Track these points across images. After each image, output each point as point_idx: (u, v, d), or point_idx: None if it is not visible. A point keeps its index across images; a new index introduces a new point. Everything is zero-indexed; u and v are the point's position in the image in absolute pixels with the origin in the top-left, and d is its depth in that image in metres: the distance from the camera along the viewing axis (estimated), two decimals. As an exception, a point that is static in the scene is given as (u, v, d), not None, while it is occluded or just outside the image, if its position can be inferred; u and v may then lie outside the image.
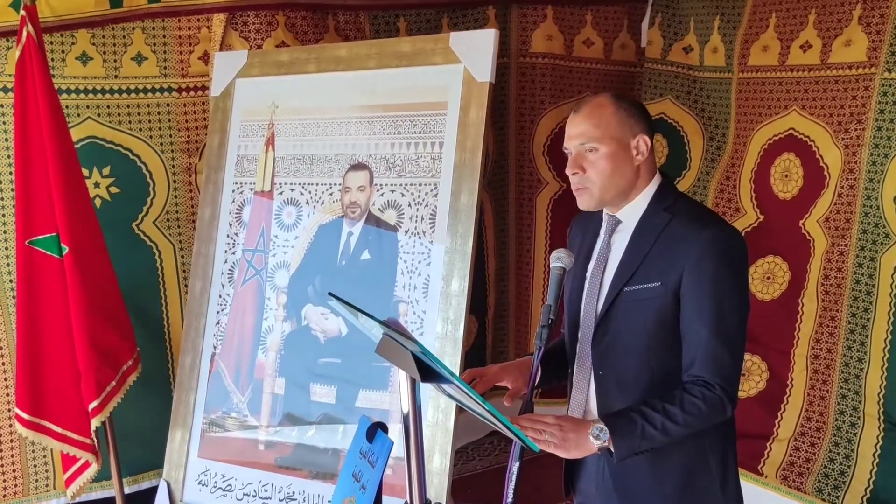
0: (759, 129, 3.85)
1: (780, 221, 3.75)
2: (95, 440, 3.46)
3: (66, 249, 3.31)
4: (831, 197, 3.53)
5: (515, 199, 4.71)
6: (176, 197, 3.98)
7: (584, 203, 2.15)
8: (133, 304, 3.63)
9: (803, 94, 3.66)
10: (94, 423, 3.39)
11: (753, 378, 3.81)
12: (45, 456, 3.82)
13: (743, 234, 3.86)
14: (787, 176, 3.70)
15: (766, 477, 3.72)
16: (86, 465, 3.49)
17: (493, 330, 4.82)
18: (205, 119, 3.98)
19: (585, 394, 2.17)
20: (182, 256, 4.01)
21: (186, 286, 3.99)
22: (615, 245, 2.15)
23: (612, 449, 1.98)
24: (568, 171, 2.13)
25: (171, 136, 3.95)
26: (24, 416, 3.42)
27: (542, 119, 4.58)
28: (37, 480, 3.83)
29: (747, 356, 3.82)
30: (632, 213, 2.14)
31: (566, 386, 2.31)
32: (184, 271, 4.01)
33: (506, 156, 4.65)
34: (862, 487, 3.44)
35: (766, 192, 3.82)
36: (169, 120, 3.94)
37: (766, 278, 3.78)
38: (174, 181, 3.97)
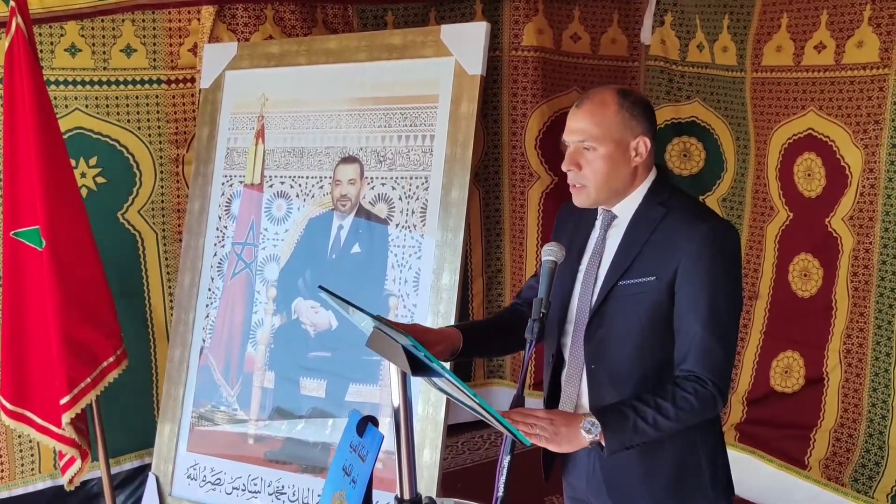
0: (777, 128, 3.87)
1: (808, 219, 3.80)
2: (76, 435, 3.41)
3: (44, 243, 3.29)
4: (854, 196, 3.57)
5: (508, 192, 4.71)
6: (162, 187, 3.97)
7: (579, 201, 2.14)
8: (116, 291, 3.60)
9: (820, 94, 3.68)
10: (65, 417, 3.34)
11: (793, 376, 3.85)
12: (30, 441, 3.78)
13: (780, 232, 3.90)
14: (809, 175, 3.74)
15: (810, 469, 3.74)
16: (72, 459, 3.46)
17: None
18: (193, 110, 3.96)
19: (577, 388, 2.17)
20: (164, 245, 4.01)
21: (168, 273, 4.01)
22: (610, 240, 2.15)
23: (602, 443, 1.98)
24: (564, 168, 2.12)
25: (159, 127, 3.93)
26: (8, 405, 3.39)
27: (535, 113, 4.58)
28: (22, 465, 3.81)
29: (788, 353, 3.85)
30: (627, 207, 2.14)
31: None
32: (166, 259, 4.02)
33: (499, 149, 4.65)
34: (893, 479, 3.47)
35: (792, 190, 3.85)
36: (157, 111, 3.92)
37: (804, 276, 3.83)
38: (161, 171, 3.96)
